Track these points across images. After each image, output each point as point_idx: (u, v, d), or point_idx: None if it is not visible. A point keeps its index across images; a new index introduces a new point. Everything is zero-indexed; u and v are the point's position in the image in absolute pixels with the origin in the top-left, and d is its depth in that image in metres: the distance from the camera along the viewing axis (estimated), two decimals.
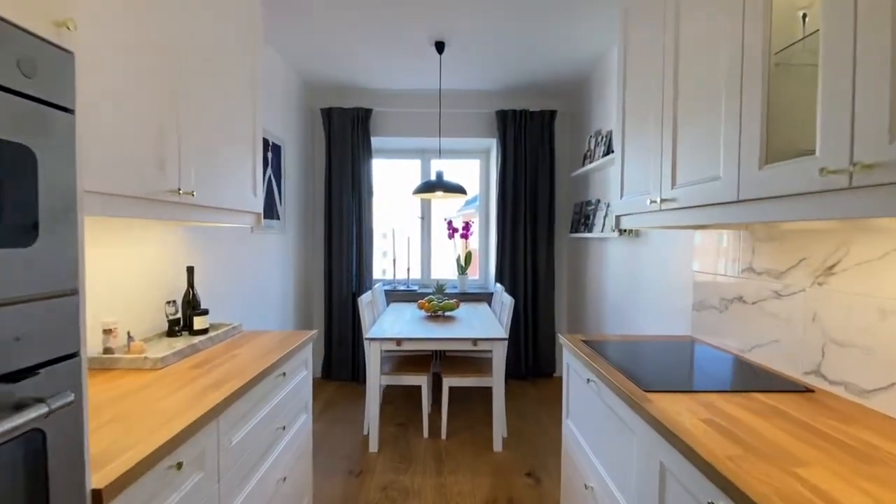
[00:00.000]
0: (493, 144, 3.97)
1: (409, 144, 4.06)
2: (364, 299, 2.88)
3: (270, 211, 2.95)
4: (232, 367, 1.46)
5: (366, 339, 2.57)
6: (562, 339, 1.91)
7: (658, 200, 1.54)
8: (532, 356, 3.86)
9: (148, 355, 1.43)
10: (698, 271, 1.92)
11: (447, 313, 3.19)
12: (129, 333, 1.53)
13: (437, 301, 3.22)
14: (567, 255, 3.95)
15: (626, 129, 1.87)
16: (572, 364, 1.80)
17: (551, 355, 3.88)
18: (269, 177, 2.93)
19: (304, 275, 3.75)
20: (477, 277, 4.25)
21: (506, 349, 2.63)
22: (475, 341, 2.56)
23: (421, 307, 3.21)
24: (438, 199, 4.05)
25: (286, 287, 3.30)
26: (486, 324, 2.89)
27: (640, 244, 2.51)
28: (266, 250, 2.91)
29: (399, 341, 2.56)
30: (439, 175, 2.89)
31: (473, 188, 4.43)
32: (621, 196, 1.89)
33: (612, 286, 2.91)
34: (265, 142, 2.84)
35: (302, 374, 1.89)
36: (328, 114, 3.74)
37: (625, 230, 2.57)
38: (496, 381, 2.61)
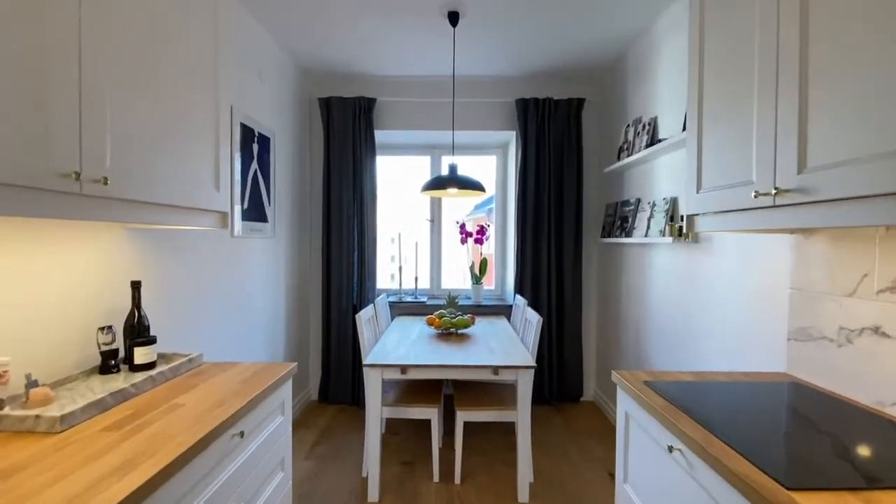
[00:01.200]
0: (511, 138, 3.53)
1: (418, 139, 3.63)
2: (364, 316, 2.45)
3: (256, 212, 2.53)
4: (167, 427, 1.03)
5: (365, 364, 2.13)
6: (617, 378, 1.45)
7: (770, 192, 1.08)
8: (557, 378, 3.39)
9: (42, 412, 1.00)
10: (798, 288, 1.45)
11: (461, 331, 2.75)
12: (28, 376, 1.11)
13: (450, 316, 2.78)
14: (597, 262, 3.48)
15: (704, 108, 1.41)
16: (637, 417, 1.34)
17: (578, 377, 3.40)
18: (255, 172, 2.52)
19: (299, 285, 3.33)
20: (492, 287, 3.80)
21: (532, 379, 2.18)
22: (496, 369, 2.10)
23: (430, 323, 2.77)
24: (452, 199, 3.62)
25: (275, 300, 2.88)
26: (508, 346, 2.43)
27: (702, 251, 2.04)
28: (250, 258, 2.49)
29: (404, 368, 2.11)
30: (452, 168, 2.45)
31: (489, 188, 3.99)
32: (697, 190, 1.43)
33: (661, 302, 2.44)
34: (248, 131, 2.43)
35: (277, 422, 1.45)
36: (327, 104, 3.33)
37: (682, 234, 2.11)
38: (521, 417, 2.15)
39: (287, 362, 1.59)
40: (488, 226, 3.57)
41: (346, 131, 3.33)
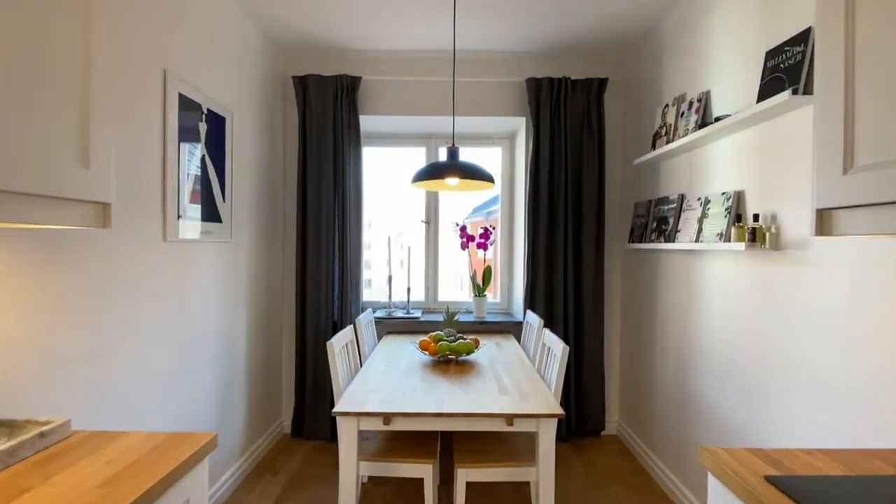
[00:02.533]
0: (520, 125, 3.01)
1: (411, 126, 3.11)
2: (337, 344, 1.91)
3: (204, 209, 2.00)
4: None
5: (335, 412, 1.59)
6: (712, 461, 0.93)
7: None
8: (575, 409, 2.86)
9: None
10: None
11: (462, 357, 2.22)
12: None
13: (448, 339, 2.25)
14: (622, 272, 2.96)
15: (857, 55, 0.89)
16: None
17: (599, 408, 2.88)
18: (202, 159, 1.98)
19: (267, 299, 2.79)
20: (497, 300, 3.27)
21: (555, 428, 1.65)
22: (511, 419, 1.58)
23: (424, 348, 2.24)
24: (451, 193, 3.10)
25: (233, 319, 2.34)
26: (524, 380, 1.91)
27: (791, 263, 1.52)
28: (194, 268, 1.96)
29: (387, 418, 1.58)
30: (452, 153, 1.93)
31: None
32: (845, 171, 0.91)
33: (721, 327, 1.92)
34: (191, 105, 1.90)
35: None
36: (302, 83, 2.80)
37: (756, 238, 1.59)
38: (543, 477, 1.62)
39: (206, 432, 1.06)
40: (493, 229, 3.05)
41: (326, 116, 2.81)
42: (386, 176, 3.35)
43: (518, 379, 1.93)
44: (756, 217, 1.62)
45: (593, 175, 2.80)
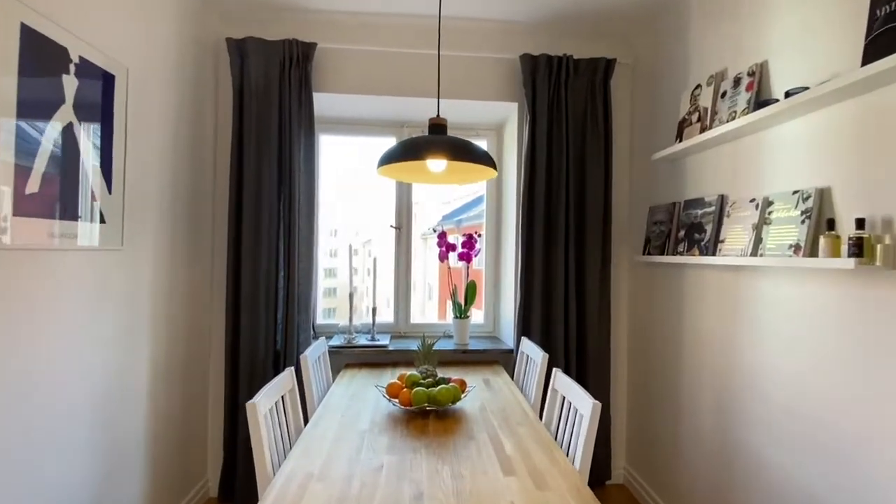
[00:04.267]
0: (512, 113, 2.52)
1: (378, 110, 2.55)
2: (263, 404, 1.30)
3: (68, 203, 1.36)
4: None
5: None
6: None
7: None
8: None
9: None
10: None
11: (446, 406, 1.66)
12: None
13: (424, 381, 1.69)
14: (632, 292, 2.49)
15: None
16: None
17: (605, 455, 2.38)
18: (67, 129, 1.35)
19: (185, 327, 2.14)
20: (481, 321, 2.74)
21: None
22: None
23: (393, 394, 1.67)
24: (433, 186, 2.58)
25: (127, 359, 1.69)
26: (532, 448, 1.37)
27: None
28: (41, 291, 1.31)
29: None
30: (438, 127, 1.39)
31: (481, 184, 2.96)
32: None
33: (796, 373, 1.46)
34: (49, 47, 1.28)
35: None
36: (240, 49, 2.20)
37: (860, 253, 1.13)
38: None
39: None
40: (479, 236, 2.52)
41: (270, 91, 2.21)
42: (347, 171, 2.77)
43: (525, 444, 1.39)
44: (860, 223, 1.17)
45: (598, 174, 2.33)
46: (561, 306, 2.28)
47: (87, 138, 1.43)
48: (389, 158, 1.37)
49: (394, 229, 2.65)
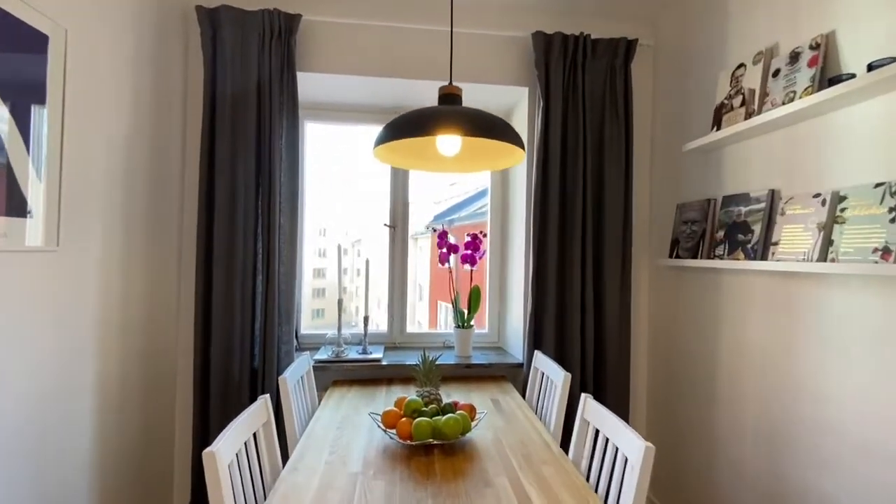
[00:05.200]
0: (521, 98, 2.26)
1: (371, 94, 2.27)
2: (223, 452, 1.02)
3: None
4: None
5: None
6: None
7: None
8: None
9: None
10: None
11: (454, 439, 1.39)
12: None
13: (426, 403, 1.43)
14: (654, 300, 2.25)
15: None
16: None
17: None
18: None
19: (145, 341, 1.84)
20: (485, 330, 2.48)
21: None
22: None
23: (390, 424, 1.40)
24: (439, 175, 2.34)
25: (65, 381, 1.39)
26: (564, 496, 1.11)
27: None
28: None
29: None
30: (450, 99, 1.12)
31: (479, 179, 2.72)
32: None
33: (868, 405, 1.22)
34: None
35: None
36: (212, 19, 1.90)
37: None
38: None
39: None
40: (484, 236, 2.26)
41: (248, 68, 1.92)
42: (335, 162, 2.48)
43: (554, 491, 1.13)
44: None
45: (618, 167, 2.09)
46: (577, 315, 2.03)
47: (6, 111, 1.13)
48: (390, 135, 1.10)
49: (388, 228, 2.38)
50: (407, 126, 1.05)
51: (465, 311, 2.20)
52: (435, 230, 2.26)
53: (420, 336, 2.40)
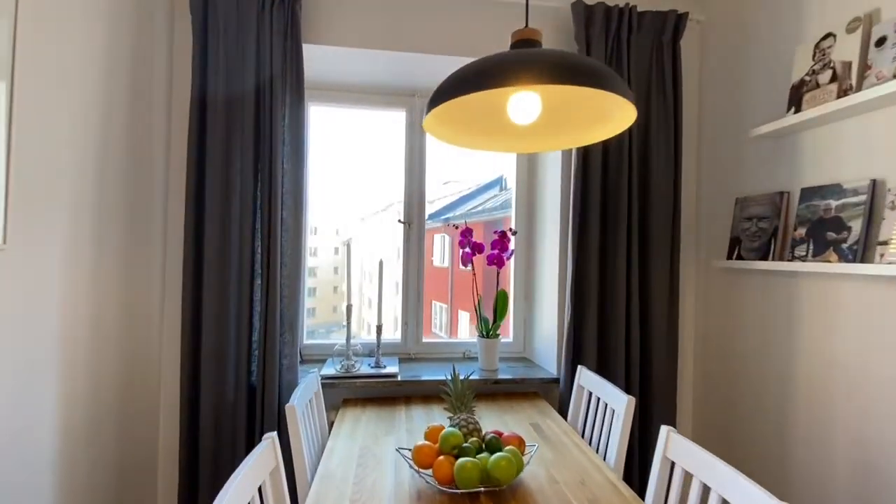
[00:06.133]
0: None
1: (384, 72, 2.00)
2: None
3: None
4: None
5: None
6: None
7: None
8: None
9: None
10: None
11: (507, 484, 1.14)
12: None
13: (467, 435, 1.18)
14: (705, 306, 2.02)
15: None
16: None
17: None
18: None
19: (117, 357, 1.56)
20: (509, 338, 2.23)
21: None
22: None
23: (422, 460, 1.15)
24: (497, 155, 2.14)
25: (20, 404, 1.11)
26: None
27: None
28: None
29: None
30: (526, 44, 0.86)
31: (502, 168, 2.47)
32: None
33: None
34: None
35: None
36: None
37: None
38: None
39: None
40: (514, 233, 2.01)
41: (245, 38, 1.64)
42: (341, 151, 2.21)
43: None
44: None
45: (666, 155, 1.85)
46: (621, 325, 1.79)
47: None
48: (444, 94, 0.83)
49: (402, 225, 2.12)
50: (466, 79, 0.79)
51: (491, 320, 1.95)
52: (456, 226, 2.00)
53: (437, 346, 2.15)
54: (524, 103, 0.92)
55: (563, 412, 1.78)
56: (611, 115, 1.05)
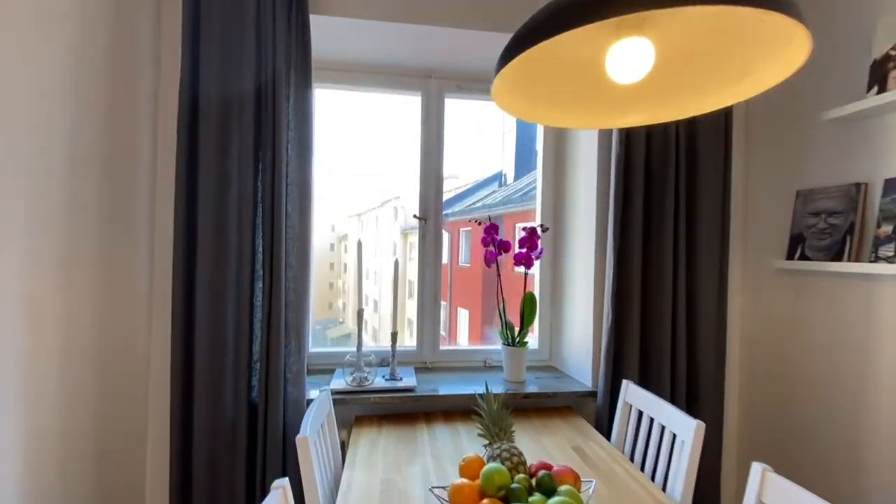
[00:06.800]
0: None
1: (401, 50, 1.79)
2: None
3: None
4: None
5: None
6: None
7: None
8: None
9: None
10: None
11: None
12: None
13: (512, 469, 0.99)
14: (754, 310, 1.84)
15: None
16: None
17: None
18: None
19: (93, 378, 1.36)
20: (535, 344, 2.04)
21: None
22: None
23: (465, 503, 0.95)
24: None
25: None
26: None
27: None
28: None
29: None
30: None
31: (474, 172, 2.28)
32: None
33: None
34: None
35: None
36: None
37: None
38: None
39: None
40: (545, 229, 1.81)
41: (243, 6, 1.43)
42: (342, 140, 2.00)
43: None
44: None
45: (716, 140, 1.66)
46: (667, 330, 1.61)
47: None
48: (518, 45, 0.62)
49: (418, 221, 1.91)
50: (557, 15, 0.58)
51: (519, 327, 1.76)
52: (479, 222, 1.80)
53: (456, 354, 1.95)
54: (630, 54, 0.72)
55: (601, 429, 1.59)
56: (753, 64, 0.79)
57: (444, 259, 1.99)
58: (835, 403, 1.44)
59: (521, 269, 1.75)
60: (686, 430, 1.16)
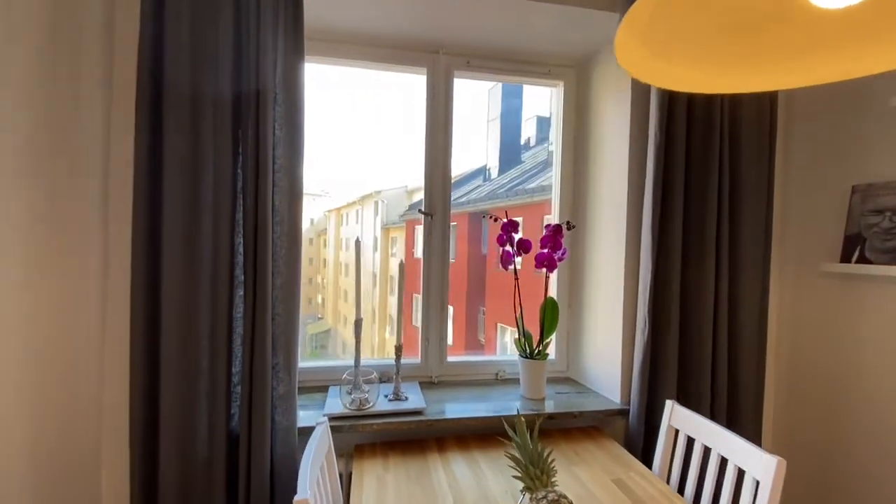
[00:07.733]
0: (607, 40, 1.60)
1: (398, 18, 1.54)
2: None
3: None
4: None
5: None
6: None
7: None
8: None
9: None
10: None
11: None
12: None
13: None
14: (795, 318, 1.68)
15: None
16: None
17: None
18: None
19: (30, 408, 1.09)
20: (552, 355, 1.84)
21: None
22: None
23: None
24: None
25: None
26: None
27: None
28: None
29: None
30: None
31: (467, 163, 2.07)
32: None
33: None
34: None
35: None
36: None
37: None
38: None
39: None
40: (571, 227, 1.60)
41: None
42: (343, 124, 1.75)
43: None
44: None
45: (759, 133, 1.48)
46: (707, 340, 1.43)
47: None
48: None
49: (424, 217, 1.69)
50: None
51: (538, 336, 1.56)
52: (494, 218, 1.58)
53: (464, 366, 1.74)
54: None
55: (634, 451, 1.41)
56: None
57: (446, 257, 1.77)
58: (893, 435, 1.29)
59: (543, 270, 1.55)
60: (762, 467, 0.97)
